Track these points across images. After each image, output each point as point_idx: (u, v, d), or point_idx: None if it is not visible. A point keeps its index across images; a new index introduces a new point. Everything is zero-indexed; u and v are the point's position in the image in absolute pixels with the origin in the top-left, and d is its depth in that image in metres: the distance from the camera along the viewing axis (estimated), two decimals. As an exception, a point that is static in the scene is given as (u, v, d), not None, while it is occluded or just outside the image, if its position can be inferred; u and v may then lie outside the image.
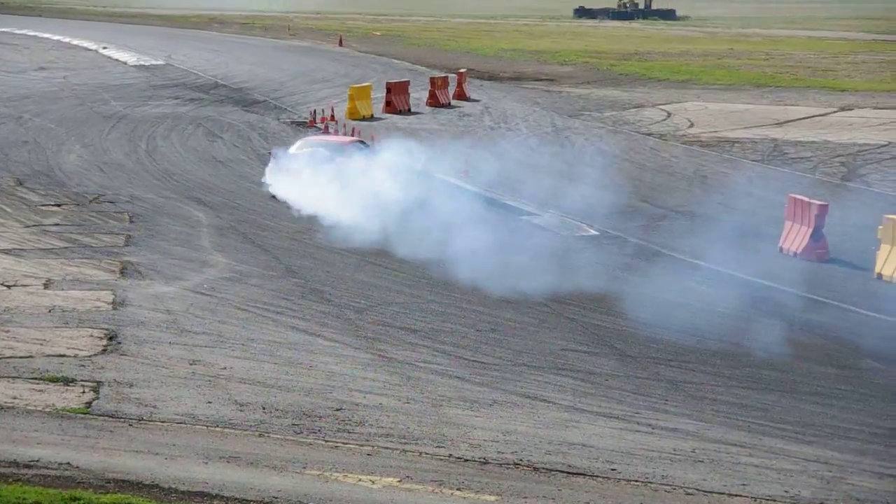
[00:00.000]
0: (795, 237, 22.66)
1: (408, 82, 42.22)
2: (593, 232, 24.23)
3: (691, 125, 39.05)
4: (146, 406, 13.16)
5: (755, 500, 11.57)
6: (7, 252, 19.94)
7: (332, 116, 36.37)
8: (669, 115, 41.25)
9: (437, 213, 24.11)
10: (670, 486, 11.76)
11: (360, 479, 11.32)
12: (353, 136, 31.84)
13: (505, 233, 23.32)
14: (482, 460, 12.17)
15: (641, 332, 17.38)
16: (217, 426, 12.75)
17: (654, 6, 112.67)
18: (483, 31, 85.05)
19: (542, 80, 51.93)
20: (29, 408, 12.80)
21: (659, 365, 16.21)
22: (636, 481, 11.84)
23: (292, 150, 28.91)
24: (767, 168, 31.80)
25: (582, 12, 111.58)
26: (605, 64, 59.45)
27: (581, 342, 17.07)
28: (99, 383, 13.76)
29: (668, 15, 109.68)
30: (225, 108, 39.15)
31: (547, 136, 36.66)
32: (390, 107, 39.80)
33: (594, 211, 25.54)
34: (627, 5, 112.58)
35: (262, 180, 26.21)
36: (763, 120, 39.98)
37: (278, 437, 12.53)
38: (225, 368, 14.67)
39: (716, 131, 37.64)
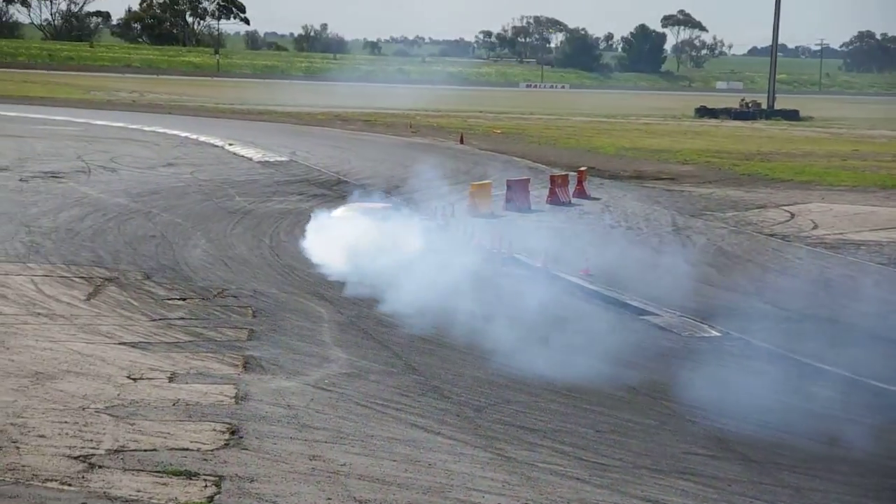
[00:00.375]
0: (924, 342, 22.18)
1: (528, 180, 42.41)
2: (715, 333, 23.94)
3: (815, 227, 38.57)
4: (267, 501, 13.19)
5: None
6: (134, 345, 20.26)
7: (453, 213, 36.57)
8: (793, 216, 40.82)
9: (556, 312, 24.06)
10: None
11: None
12: (467, 231, 32.06)
13: (625, 333, 23.16)
14: (603, 565, 11.97)
15: (766, 437, 17.05)
16: (336, 523, 12.71)
17: (777, 106, 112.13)
18: (603, 129, 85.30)
19: (662, 179, 51.81)
20: (152, 501, 12.89)
21: (783, 471, 15.86)
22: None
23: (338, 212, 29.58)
24: (895, 272, 31.24)
25: (703, 112, 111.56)
26: (726, 164, 59.16)
27: (703, 445, 16.79)
28: (221, 478, 13.82)
29: (791, 115, 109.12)
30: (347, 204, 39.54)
31: (668, 235, 36.47)
32: (511, 204, 39.96)
33: (716, 312, 25.28)
34: (749, 105, 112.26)
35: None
36: (890, 222, 39.37)
37: (397, 535, 12.45)
38: (344, 465, 14.66)
39: (841, 233, 37.12)
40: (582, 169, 46.78)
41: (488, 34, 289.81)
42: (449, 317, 23.44)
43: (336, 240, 29.67)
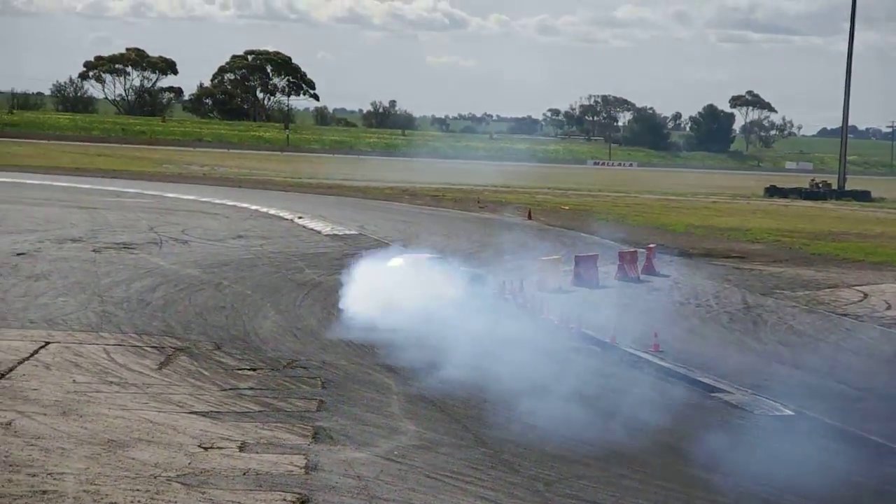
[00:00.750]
0: None
1: (596, 255, 42.31)
2: (788, 412, 23.61)
3: (889, 307, 38.12)
4: (337, 572, 13.11)
5: None
6: (205, 414, 20.32)
7: (521, 287, 36.51)
8: (866, 296, 40.38)
9: (625, 387, 23.90)
10: None
11: None
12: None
13: (696, 410, 22.94)
14: None
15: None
16: None
17: (848, 187, 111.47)
18: (672, 207, 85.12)
19: (732, 257, 51.51)
20: (222, 568, 12.87)
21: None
22: None
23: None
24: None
25: (773, 191, 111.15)
26: (797, 243, 58.74)
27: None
28: (291, 547, 13.77)
29: (862, 196, 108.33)
30: (417, 276, 39.59)
31: (738, 313, 36.16)
32: (579, 279, 39.86)
33: (789, 390, 24.96)
34: (820, 185, 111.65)
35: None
36: (964, 302, 38.83)
37: None
38: (414, 537, 14.57)
39: (915, 313, 36.68)
40: (651, 246, 46.63)
41: (556, 112, 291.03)
42: (518, 390, 23.32)
43: (405, 311, 29.76)
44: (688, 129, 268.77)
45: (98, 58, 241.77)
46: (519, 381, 23.82)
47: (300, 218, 58.65)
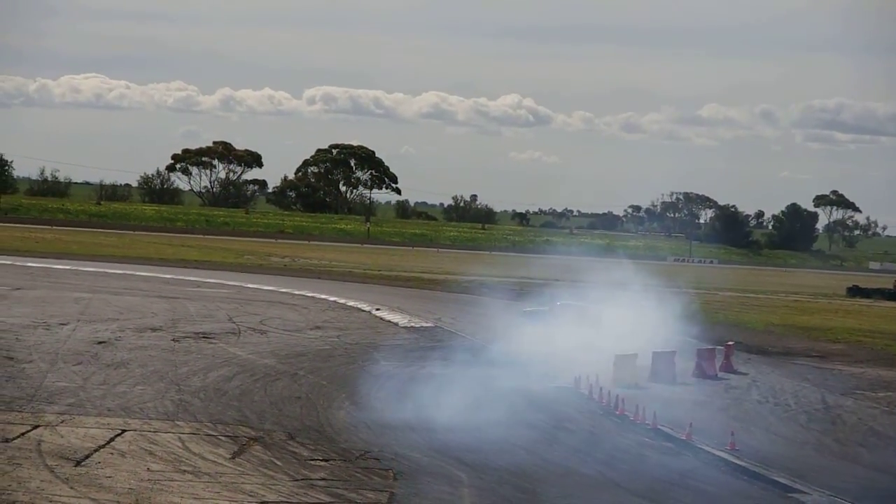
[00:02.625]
0: None
1: (674, 352, 41.98)
2: (866, 514, 23.19)
3: (973, 408, 37.42)
4: None
5: None
6: (275, 504, 20.41)
7: (597, 382, 36.33)
8: (949, 396, 39.67)
9: (700, 486, 23.62)
10: None
11: None
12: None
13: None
14: None
15: None
16: None
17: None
18: (752, 305, 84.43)
19: (812, 356, 50.91)
20: None
21: None
22: None
23: None
24: None
25: (856, 291, 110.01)
26: (879, 343, 57.96)
27: None
28: None
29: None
30: (491, 370, 39.62)
31: (817, 413, 35.66)
32: (656, 375, 39.58)
33: (868, 493, 24.55)
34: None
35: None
36: None
37: None
38: None
39: None
40: (729, 343, 46.24)
41: (637, 208, 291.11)
42: (590, 485, 23.16)
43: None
44: (770, 227, 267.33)
45: (185, 150, 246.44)
46: (591, 477, 23.64)
47: (378, 310, 58.92)
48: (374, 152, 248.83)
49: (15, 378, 31.70)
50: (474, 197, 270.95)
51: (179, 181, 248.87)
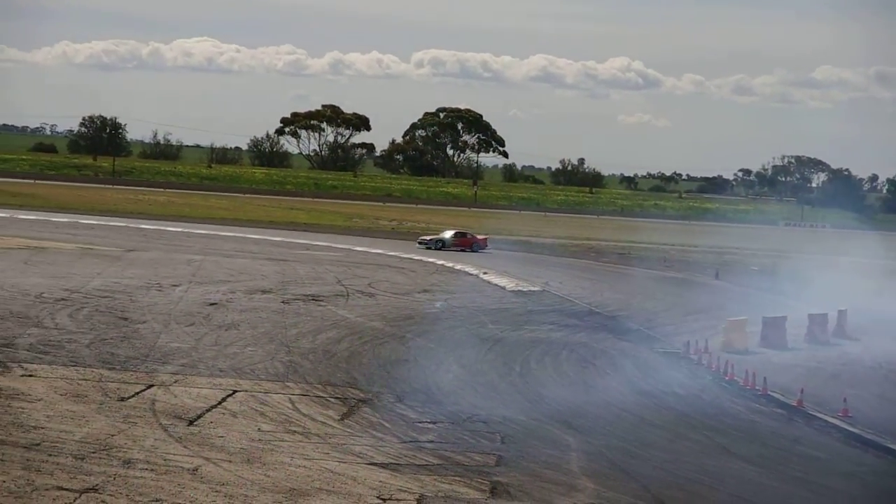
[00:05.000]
0: None
1: (785, 317, 41.35)
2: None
3: None
4: None
5: None
6: (384, 466, 20.55)
7: (706, 348, 36.04)
8: None
9: (811, 452, 23.30)
10: None
11: None
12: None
13: (888, 479, 22.23)
14: None
15: None
16: None
17: None
18: (866, 270, 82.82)
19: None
20: None
21: None
22: None
23: None
24: None
25: None
26: None
27: None
28: None
29: None
30: (598, 335, 39.52)
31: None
32: (767, 341, 39.14)
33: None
34: None
35: None
36: None
37: None
38: None
39: None
40: (842, 308, 45.47)
41: (747, 172, 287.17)
42: (699, 451, 23.00)
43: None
44: (885, 191, 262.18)
45: (295, 114, 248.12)
46: (700, 442, 23.48)
47: (485, 273, 58.93)
48: (481, 116, 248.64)
49: (129, 338, 32.27)
50: (582, 160, 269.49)
51: (288, 144, 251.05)
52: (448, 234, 78.14)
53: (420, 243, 76.32)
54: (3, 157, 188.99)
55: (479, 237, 79.32)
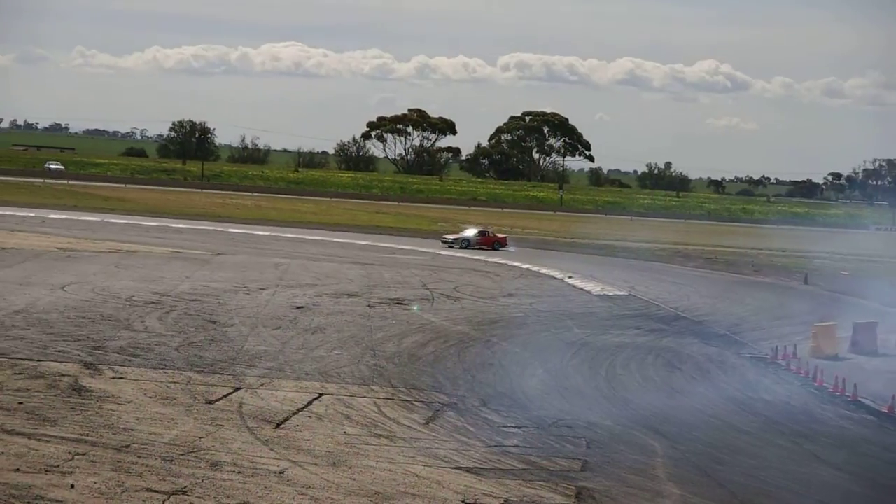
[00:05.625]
0: None
1: (876, 322, 40.81)
2: None
3: None
4: None
5: None
6: (469, 470, 20.56)
7: (795, 353, 35.65)
8: None
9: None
10: None
11: None
12: None
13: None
14: None
15: None
16: None
17: None
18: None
19: None
20: None
21: None
22: None
23: None
24: None
25: None
26: None
27: None
28: None
29: None
30: (684, 339, 39.24)
31: None
32: (857, 347, 38.62)
33: None
34: None
35: None
36: None
37: None
38: None
39: None
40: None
41: (837, 175, 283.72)
42: (786, 457, 22.75)
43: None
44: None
45: (381, 118, 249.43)
46: (789, 449, 23.22)
47: (570, 278, 58.73)
48: (567, 119, 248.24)
49: (217, 341, 32.60)
50: (669, 164, 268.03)
51: (374, 148, 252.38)
52: (471, 233, 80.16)
53: (444, 242, 78.42)
54: (95, 162, 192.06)
55: (500, 236, 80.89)
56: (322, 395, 26.40)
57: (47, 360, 27.77)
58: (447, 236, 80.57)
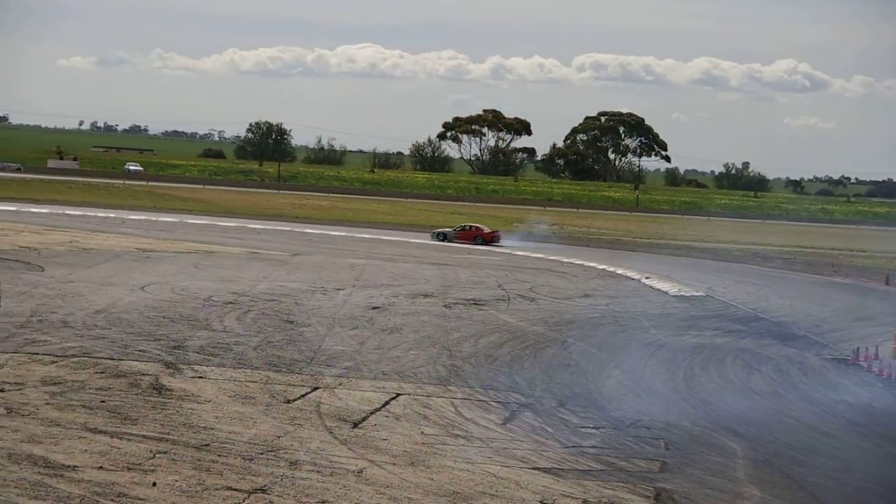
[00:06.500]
0: None
1: (960, 325, 40.19)
2: None
3: None
4: None
5: None
6: (547, 471, 20.53)
7: (876, 355, 35.20)
8: None
9: None
10: None
11: None
12: None
13: None
14: None
15: None
16: None
17: None
18: None
19: None
20: None
21: None
22: None
23: None
24: None
25: None
26: None
27: None
28: None
29: None
30: (763, 341, 38.88)
31: None
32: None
33: None
34: None
35: None
36: None
37: None
38: None
39: None
40: None
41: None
42: (868, 461, 22.48)
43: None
44: None
45: (456, 119, 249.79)
46: (870, 451, 22.94)
47: (647, 278, 58.42)
48: (643, 119, 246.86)
49: (295, 341, 32.79)
50: (746, 164, 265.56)
51: (450, 149, 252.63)
52: (450, 228, 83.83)
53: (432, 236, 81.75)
54: (173, 163, 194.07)
55: (487, 231, 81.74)
56: (399, 395, 26.47)
57: (128, 360, 28.11)
58: (436, 230, 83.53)
